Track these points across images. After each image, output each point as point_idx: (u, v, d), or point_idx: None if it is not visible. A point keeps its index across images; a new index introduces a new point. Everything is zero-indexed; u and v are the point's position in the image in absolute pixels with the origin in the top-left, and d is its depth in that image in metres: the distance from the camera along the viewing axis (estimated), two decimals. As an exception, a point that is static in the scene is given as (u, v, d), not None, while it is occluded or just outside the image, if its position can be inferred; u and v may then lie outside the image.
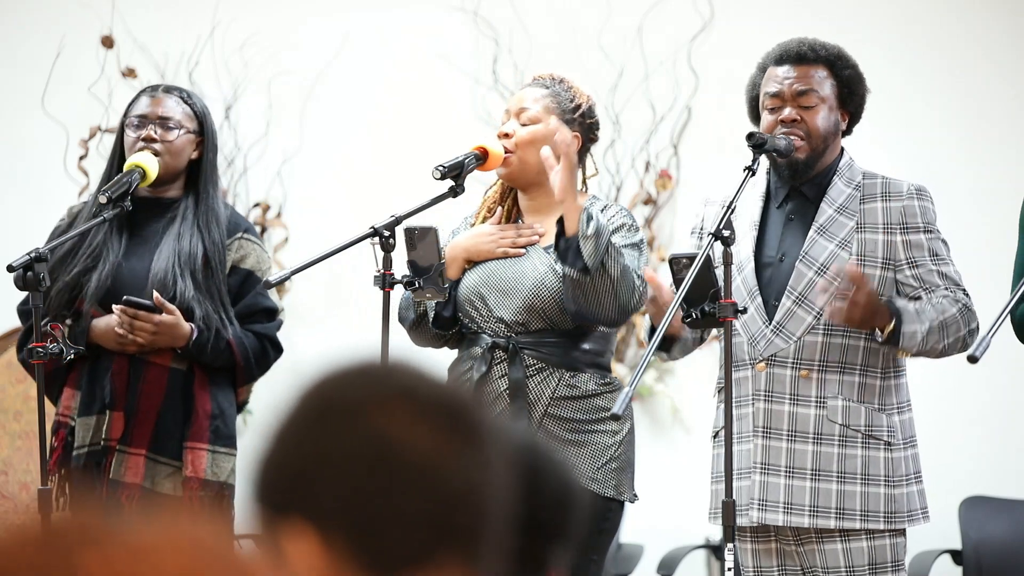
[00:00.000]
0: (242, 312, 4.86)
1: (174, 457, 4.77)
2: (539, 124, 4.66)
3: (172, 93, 4.92)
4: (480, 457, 1.52)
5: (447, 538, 1.50)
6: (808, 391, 4.36)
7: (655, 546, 6.59)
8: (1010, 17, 6.74)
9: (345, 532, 1.48)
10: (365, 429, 1.50)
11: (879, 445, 4.36)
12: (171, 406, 4.78)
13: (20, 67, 7.28)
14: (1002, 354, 4.58)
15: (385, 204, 4.97)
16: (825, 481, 4.34)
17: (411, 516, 1.49)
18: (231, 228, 4.88)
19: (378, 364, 1.56)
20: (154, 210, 4.88)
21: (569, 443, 4.56)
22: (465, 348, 4.67)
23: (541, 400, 4.57)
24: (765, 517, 4.36)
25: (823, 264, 4.37)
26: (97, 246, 4.83)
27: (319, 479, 1.49)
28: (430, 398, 1.53)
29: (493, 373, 4.58)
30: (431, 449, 1.50)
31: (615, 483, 4.61)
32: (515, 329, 4.60)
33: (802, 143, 4.41)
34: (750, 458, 4.38)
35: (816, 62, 4.47)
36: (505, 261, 4.67)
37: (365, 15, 7.13)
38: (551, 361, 4.58)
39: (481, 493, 1.51)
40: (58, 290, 4.79)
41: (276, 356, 4.93)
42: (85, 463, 4.77)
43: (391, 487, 1.49)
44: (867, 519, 4.34)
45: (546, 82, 4.73)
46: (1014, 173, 6.63)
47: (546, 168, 4.51)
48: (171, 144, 4.84)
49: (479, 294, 4.65)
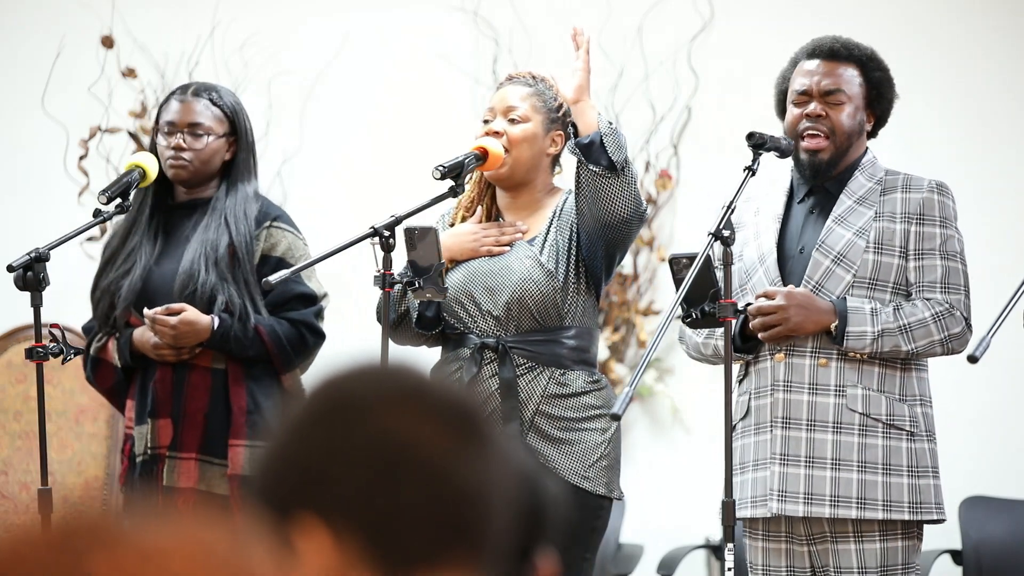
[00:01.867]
0: (276, 301, 4.84)
1: (224, 456, 4.78)
2: (528, 123, 4.67)
3: (201, 96, 4.91)
4: (487, 457, 1.54)
5: (456, 536, 1.51)
6: (827, 380, 4.35)
7: (655, 546, 6.59)
8: (1010, 17, 6.74)
9: (357, 528, 1.49)
10: (375, 427, 1.52)
11: (901, 435, 4.34)
12: (216, 406, 4.79)
13: (20, 67, 7.28)
14: (1002, 354, 4.58)
15: (385, 204, 4.96)
16: (846, 471, 4.32)
17: (421, 513, 1.50)
18: (260, 217, 4.87)
19: (386, 364, 1.58)
20: (190, 213, 4.89)
21: (560, 441, 4.56)
22: (451, 349, 4.66)
23: (532, 399, 4.56)
24: (785, 508, 4.34)
25: (839, 253, 4.37)
26: (132, 252, 4.84)
27: (331, 475, 1.50)
28: (438, 398, 1.55)
29: (483, 373, 4.58)
30: (440, 448, 1.52)
31: (606, 481, 4.60)
32: (506, 327, 4.59)
33: (825, 142, 4.42)
34: (768, 449, 4.36)
35: (848, 60, 4.48)
36: (489, 259, 4.68)
37: (365, 15, 7.13)
38: (540, 360, 4.58)
39: (488, 493, 1.53)
40: (98, 299, 4.84)
41: (316, 342, 4.89)
42: (141, 472, 4.80)
43: (402, 484, 1.50)
44: (891, 509, 4.32)
45: (528, 80, 4.74)
46: (1015, 173, 6.63)
47: (575, 53, 4.49)
48: (200, 152, 4.84)
49: (467, 293, 4.65)
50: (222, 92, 4.95)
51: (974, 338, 3.89)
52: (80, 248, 7.11)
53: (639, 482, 6.55)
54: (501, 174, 4.67)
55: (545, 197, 4.73)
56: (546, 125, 4.69)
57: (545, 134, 4.69)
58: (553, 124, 4.69)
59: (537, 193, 4.72)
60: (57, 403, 6.67)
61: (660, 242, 6.95)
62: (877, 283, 4.37)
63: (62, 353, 4.64)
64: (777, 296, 4.31)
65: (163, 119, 4.89)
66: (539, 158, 4.68)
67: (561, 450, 4.55)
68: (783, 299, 4.31)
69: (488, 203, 4.74)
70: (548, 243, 4.64)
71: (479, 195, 4.75)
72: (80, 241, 7.03)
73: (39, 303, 4.61)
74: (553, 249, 4.63)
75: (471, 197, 4.75)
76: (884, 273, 4.37)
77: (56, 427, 6.64)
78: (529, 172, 4.67)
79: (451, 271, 4.68)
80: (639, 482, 6.55)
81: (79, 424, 6.71)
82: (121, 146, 7.24)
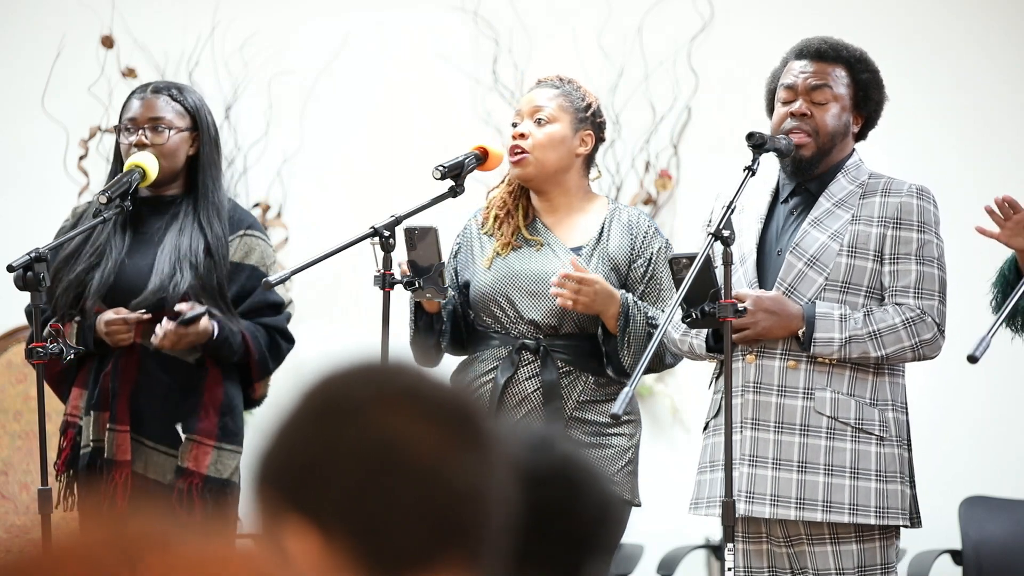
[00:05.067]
0: (248, 309, 4.85)
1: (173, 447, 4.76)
2: (556, 124, 4.67)
3: (161, 92, 4.89)
4: (482, 458, 1.51)
5: (449, 539, 1.49)
6: (796, 382, 4.35)
7: (655, 546, 6.59)
8: (1010, 17, 6.74)
9: (347, 531, 1.47)
10: (368, 428, 1.49)
11: (870, 439, 4.33)
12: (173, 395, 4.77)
13: (20, 67, 7.28)
14: (1002, 354, 4.58)
15: (385, 204, 4.96)
16: (812, 473, 4.31)
17: (413, 516, 1.48)
18: (234, 225, 4.87)
19: (381, 364, 1.55)
20: (156, 208, 4.88)
21: (592, 446, 4.57)
22: (484, 349, 4.66)
23: (569, 403, 4.57)
24: (752, 509, 4.33)
25: (812, 256, 4.37)
26: (100, 245, 4.83)
27: (321, 478, 1.48)
28: (433, 398, 1.52)
29: (520, 375, 4.58)
30: (434, 449, 1.49)
31: (631, 486, 4.64)
32: (546, 331, 4.59)
33: (808, 140, 4.42)
34: (737, 450, 4.36)
35: (835, 61, 4.47)
36: (529, 261, 4.67)
37: (365, 15, 7.13)
38: (579, 364, 4.59)
39: (483, 494, 1.50)
40: (63, 289, 4.80)
41: (288, 347, 4.92)
42: (90, 461, 4.78)
43: (393, 487, 1.48)
44: (856, 513, 4.30)
45: (555, 83, 4.74)
46: (1014, 174, 6.63)
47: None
48: (162, 147, 4.83)
49: (504, 295, 4.64)
50: (183, 88, 4.94)
51: (974, 338, 3.88)
52: (80, 248, 7.12)
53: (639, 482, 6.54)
54: (527, 174, 4.67)
55: (582, 202, 4.72)
56: (574, 125, 4.69)
57: (574, 134, 4.69)
58: (582, 124, 4.69)
59: (571, 196, 4.72)
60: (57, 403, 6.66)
61: (660, 242, 6.95)
62: (850, 287, 4.36)
63: (62, 353, 4.63)
64: (747, 300, 4.30)
65: (124, 117, 4.88)
66: (568, 159, 4.68)
67: (591, 455, 4.55)
68: (751, 304, 4.30)
69: (524, 204, 4.73)
70: (598, 253, 4.64)
71: (511, 197, 4.73)
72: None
73: (39, 303, 4.60)
74: (600, 261, 4.63)
75: (502, 198, 4.74)
76: (857, 277, 4.36)
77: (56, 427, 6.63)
78: (558, 173, 4.68)
79: (484, 272, 4.68)
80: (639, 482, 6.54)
81: (79, 424, 6.71)
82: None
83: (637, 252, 4.66)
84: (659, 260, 4.66)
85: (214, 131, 4.92)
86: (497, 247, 4.69)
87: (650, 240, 4.68)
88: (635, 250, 4.66)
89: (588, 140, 4.70)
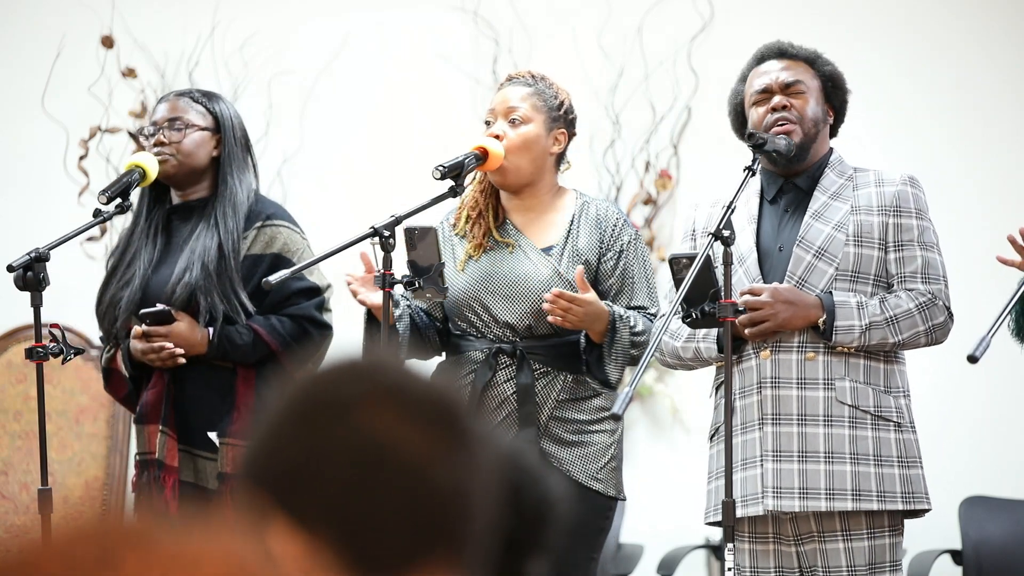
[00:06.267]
0: (277, 299, 4.83)
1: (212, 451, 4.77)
2: (530, 124, 4.67)
3: (183, 96, 4.93)
4: (467, 458, 1.50)
5: (434, 539, 1.47)
6: (815, 374, 4.36)
7: (655, 546, 6.59)
8: (1010, 17, 6.74)
9: (330, 532, 1.45)
10: (352, 428, 1.48)
11: (889, 426, 4.36)
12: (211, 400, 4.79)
13: (20, 67, 7.28)
14: (1002, 354, 4.58)
15: (385, 204, 4.97)
16: (839, 463, 4.32)
17: (397, 517, 1.46)
18: (252, 217, 4.85)
19: (365, 362, 1.53)
20: (185, 215, 4.89)
21: (572, 444, 4.57)
22: (461, 352, 4.66)
23: (547, 403, 4.57)
24: (781, 504, 4.33)
25: (820, 247, 4.39)
26: (132, 262, 4.85)
27: (304, 479, 1.47)
28: (418, 397, 1.51)
29: (498, 378, 4.58)
30: (419, 449, 1.48)
31: (615, 482, 4.62)
32: (522, 333, 4.60)
33: (794, 126, 4.45)
34: (757, 447, 4.36)
35: (797, 59, 4.56)
36: (501, 263, 4.67)
37: (365, 15, 7.13)
38: (556, 365, 4.59)
39: (468, 495, 1.49)
40: (102, 314, 4.84)
41: (321, 334, 4.87)
42: (140, 472, 4.86)
43: (377, 487, 1.46)
44: (884, 500, 4.32)
45: (527, 80, 4.74)
46: (1013, 172, 6.63)
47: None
48: (180, 145, 4.84)
49: (477, 299, 4.64)
50: (211, 94, 4.96)
51: (974, 338, 3.88)
52: (80, 248, 7.12)
53: (639, 482, 6.54)
54: (499, 177, 4.67)
55: (552, 199, 4.72)
56: (548, 124, 4.69)
57: (547, 134, 4.69)
58: (555, 123, 4.69)
59: (543, 195, 4.71)
60: (57, 403, 6.67)
61: (660, 242, 6.95)
62: (859, 275, 4.40)
63: (62, 353, 4.64)
64: (764, 293, 4.31)
65: (148, 122, 4.94)
66: (542, 159, 4.68)
67: (573, 452, 4.56)
68: (769, 295, 4.32)
69: (494, 204, 4.73)
70: (567, 253, 4.64)
71: (483, 197, 4.73)
72: (80, 241, 7.04)
73: (39, 303, 4.61)
74: (571, 259, 4.63)
75: (474, 198, 4.74)
76: (865, 265, 4.40)
77: (56, 427, 6.64)
78: (533, 174, 4.67)
79: (457, 275, 4.67)
80: (639, 482, 6.54)
81: (79, 424, 6.71)
82: (121, 146, 7.24)
83: (607, 246, 4.66)
84: (630, 252, 4.66)
85: (240, 132, 4.91)
86: (469, 249, 4.68)
87: (619, 232, 4.67)
88: (604, 244, 4.66)
89: (561, 139, 4.70)
